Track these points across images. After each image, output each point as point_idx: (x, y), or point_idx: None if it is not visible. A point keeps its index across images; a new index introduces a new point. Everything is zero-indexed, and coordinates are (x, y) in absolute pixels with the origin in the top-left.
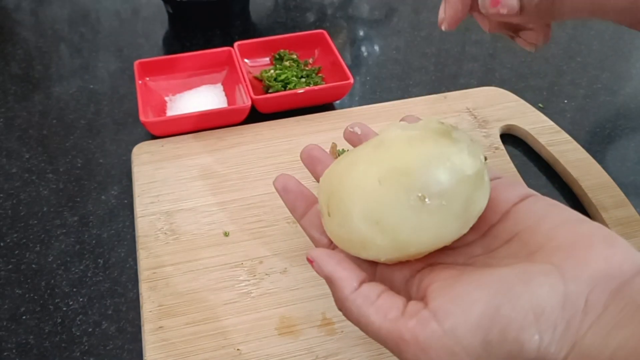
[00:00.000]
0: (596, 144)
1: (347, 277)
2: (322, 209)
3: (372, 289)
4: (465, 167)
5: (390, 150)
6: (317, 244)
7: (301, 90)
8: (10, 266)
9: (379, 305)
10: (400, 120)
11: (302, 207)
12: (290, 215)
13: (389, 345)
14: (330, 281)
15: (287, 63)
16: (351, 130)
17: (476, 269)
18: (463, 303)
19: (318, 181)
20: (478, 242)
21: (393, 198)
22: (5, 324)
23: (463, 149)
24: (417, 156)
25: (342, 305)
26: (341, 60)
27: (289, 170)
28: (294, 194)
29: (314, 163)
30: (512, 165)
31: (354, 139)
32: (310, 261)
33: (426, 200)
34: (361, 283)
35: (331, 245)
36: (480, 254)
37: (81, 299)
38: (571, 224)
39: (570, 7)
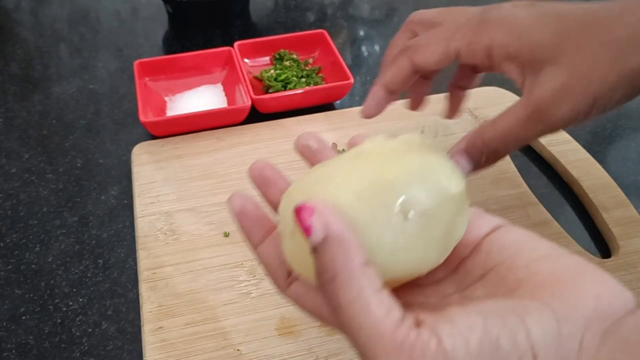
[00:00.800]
0: (597, 144)
1: (359, 245)
2: (283, 230)
3: (378, 276)
4: (450, 185)
5: (371, 162)
6: (274, 275)
7: (301, 90)
8: (10, 266)
9: (383, 298)
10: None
11: (260, 233)
12: None
13: (373, 346)
14: (337, 241)
15: (287, 63)
16: (305, 143)
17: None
18: (462, 326)
19: (271, 205)
20: (449, 278)
21: (371, 216)
22: (5, 324)
23: (447, 165)
24: (401, 169)
25: (338, 275)
26: (341, 60)
27: (289, 171)
28: (252, 218)
29: (265, 185)
30: (512, 165)
31: (308, 154)
32: (306, 209)
33: (410, 217)
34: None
35: (290, 278)
36: (454, 292)
37: (81, 300)
38: (551, 258)
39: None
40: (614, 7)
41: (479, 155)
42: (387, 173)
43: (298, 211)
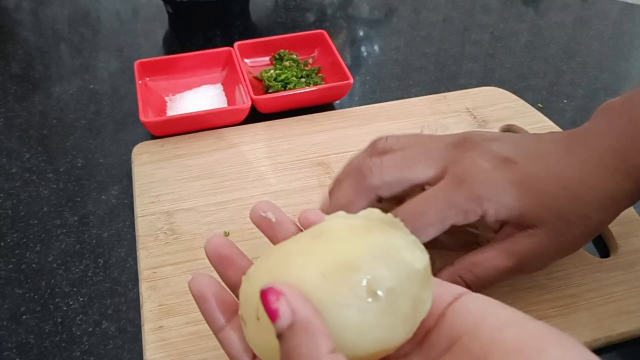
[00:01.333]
0: None
1: (326, 331)
2: (245, 314)
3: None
4: (415, 261)
5: (333, 240)
6: None
7: (301, 90)
8: (10, 266)
9: None
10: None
11: (223, 318)
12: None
13: None
14: (304, 328)
15: (287, 63)
16: (263, 215)
17: None
18: None
19: (230, 286)
20: (416, 352)
21: (338, 296)
22: (5, 323)
23: (411, 240)
24: (364, 247)
25: None
26: (341, 60)
27: (289, 171)
28: (214, 302)
29: (224, 264)
30: None
31: (266, 226)
32: (273, 292)
33: (376, 295)
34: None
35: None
36: None
37: (81, 299)
38: (515, 325)
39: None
40: (580, 170)
41: None
42: (351, 252)
43: (264, 294)
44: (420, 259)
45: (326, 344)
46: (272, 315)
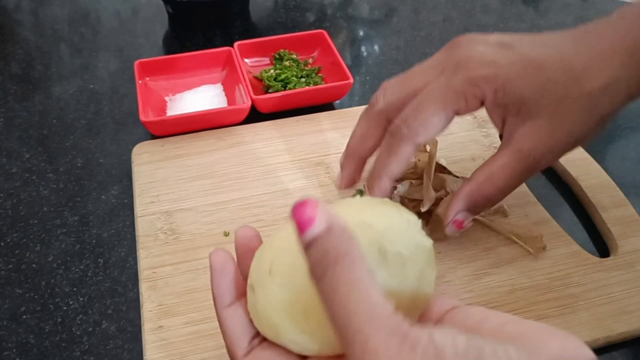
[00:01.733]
0: (596, 143)
1: (358, 240)
2: (255, 278)
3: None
4: (422, 238)
5: (350, 209)
6: (233, 341)
7: (301, 90)
8: (10, 266)
9: (380, 290)
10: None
11: (232, 296)
12: None
13: (367, 328)
14: (340, 231)
15: (287, 63)
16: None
17: None
18: (451, 331)
19: (244, 276)
20: None
21: None
22: (5, 323)
23: (418, 223)
24: (379, 215)
25: (340, 259)
26: (341, 60)
27: (288, 170)
28: (229, 278)
29: (248, 256)
30: None
31: None
32: (310, 203)
33: (388, 255)
34: None
35: (250, 345)
36: None
37: (81, 299)
38: (514, 322)
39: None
40: (587, 54)
41: (480, 209)
42: (366, 217)
43: (299, 206)
44: (426, 238)
45: (360, 247)
46: (307, 222)
